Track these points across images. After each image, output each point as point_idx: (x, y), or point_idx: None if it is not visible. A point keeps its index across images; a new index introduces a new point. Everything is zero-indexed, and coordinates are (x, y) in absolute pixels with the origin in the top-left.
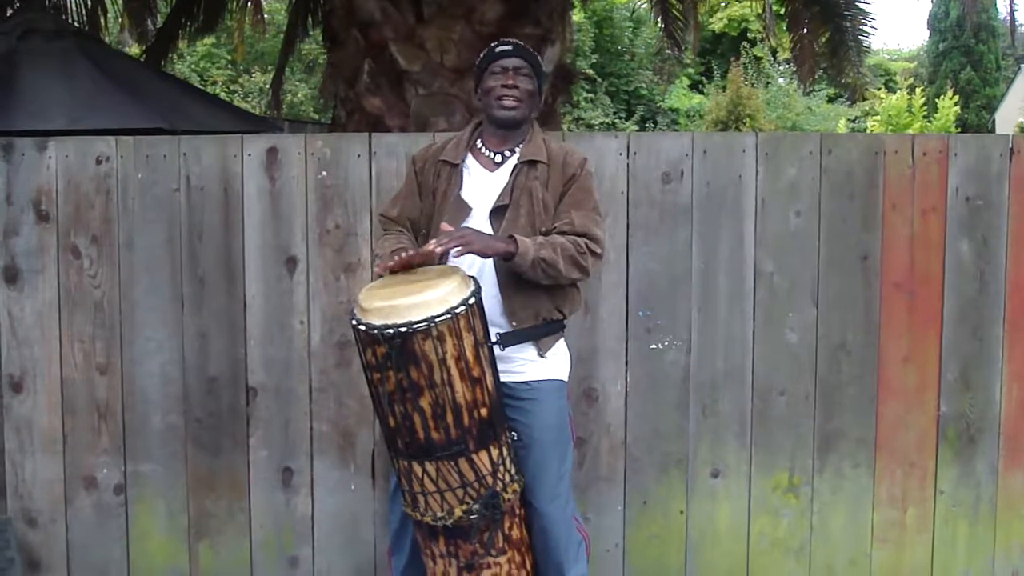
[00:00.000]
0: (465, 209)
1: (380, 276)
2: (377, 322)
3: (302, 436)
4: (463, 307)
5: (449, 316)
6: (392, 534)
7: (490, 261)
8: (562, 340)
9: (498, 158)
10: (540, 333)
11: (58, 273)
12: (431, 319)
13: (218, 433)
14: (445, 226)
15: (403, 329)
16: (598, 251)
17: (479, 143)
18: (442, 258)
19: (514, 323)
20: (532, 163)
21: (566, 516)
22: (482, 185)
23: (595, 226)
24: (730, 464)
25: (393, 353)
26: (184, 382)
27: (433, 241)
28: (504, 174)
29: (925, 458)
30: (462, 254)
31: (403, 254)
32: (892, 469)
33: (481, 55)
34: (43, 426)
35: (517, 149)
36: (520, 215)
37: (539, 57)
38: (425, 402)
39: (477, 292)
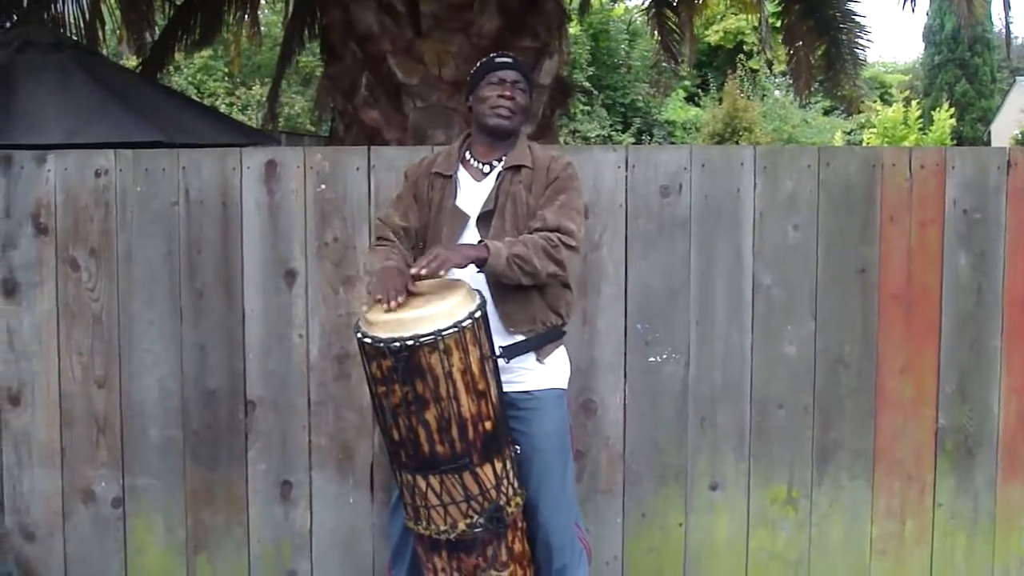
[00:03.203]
0: (462, 217)
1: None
2: (383, 335)
3: (301, 449)
4: (469, 320)
5: (456, 330)
6: (393, 547)
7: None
8: (562, 347)
9: (486, 168)
10: (542, 342)
11: (56, 286)
12: (438, 333)
13: (216, 446)
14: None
15: (410, 343)
16: (571, 243)
17: (468, 154)
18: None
19: (511, 329)
20: (516, 168)
21: (569, 525)
22: (471, 194)
23: (568, 220)
24: (728, 477)
25: (399, 366)
26: (182, 395)
27: (414, 268)
28: (490, 182)
29: (923, 470)
30: (446, 271)
31: (397, 299)
32: (890, 481)
33: (478, 64)
34: (41, 440)
35: (504, 158)
36: (505, 220)
37: (536, 71)
38: (430, 415)
39: (483, 306)
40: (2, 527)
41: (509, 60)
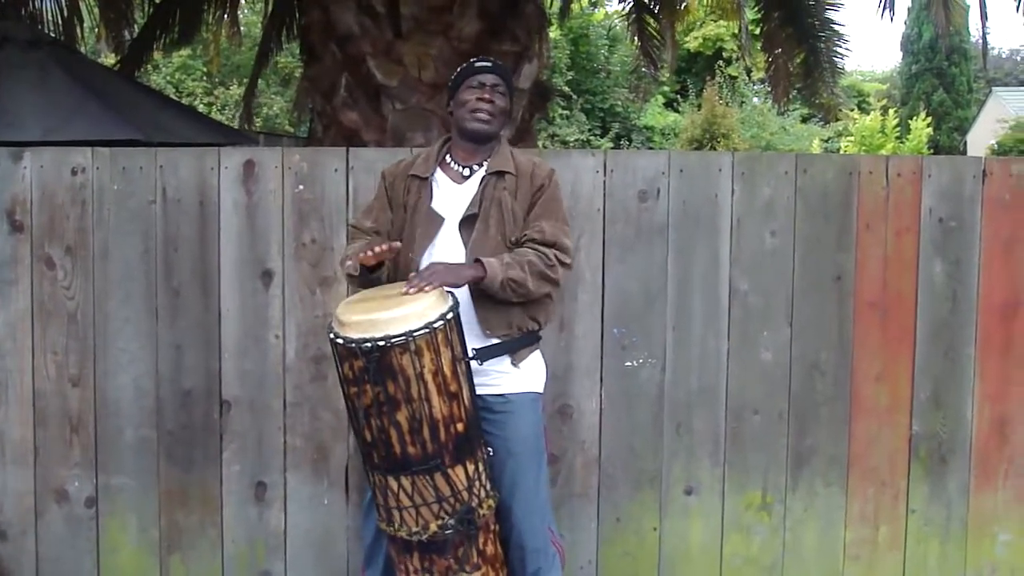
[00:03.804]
0: (437, 220)
1: (351, 275)
2: (355, 336)
3: (276, 450)
4: (441, 322)
5: (427, 331)
6: (366, 549)
7: None
8: (537, 351)
9: (466, 171)
10: (516, 346)
11: (32, 284)
12: (409, 333)
13: (191, 446)
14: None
15: (381, 343)
16: (567, 261)
17: (448, 157)
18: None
19: (488, 332)
20: (500, 174)
21: (543, 529)
22: (451, 197)
23: (564, 236)
24: (703, 482)
25: (371, 367)
26: (157, 395)
27: (405, 284)
28: (472, 186)
29: (897, 477)
30: (437, 287)
31: (375, 249)
32: (864, 487)
33: (459, 69)
34: (14, 438)
35: (485, 162)
36: (490, 225)
37: (516, 75)
38: (402, 416)
39: (455, 307)
40: None
41: (489, 64)
